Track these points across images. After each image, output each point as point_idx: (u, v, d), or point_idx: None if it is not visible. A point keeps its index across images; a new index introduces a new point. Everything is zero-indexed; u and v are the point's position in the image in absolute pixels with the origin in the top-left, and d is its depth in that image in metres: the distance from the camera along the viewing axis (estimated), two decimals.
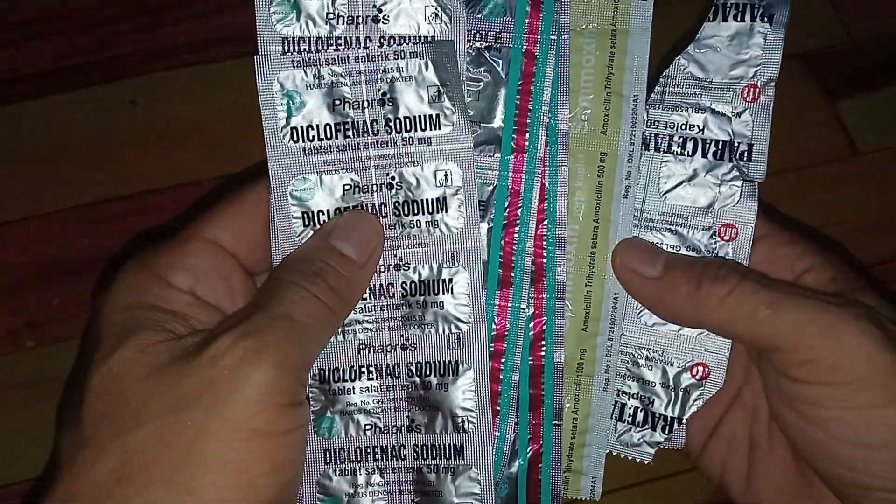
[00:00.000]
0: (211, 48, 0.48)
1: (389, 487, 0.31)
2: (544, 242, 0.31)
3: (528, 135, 0.31)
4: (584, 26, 0.31)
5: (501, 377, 0.31)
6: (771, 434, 0.32)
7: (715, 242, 0.32)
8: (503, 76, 0.31)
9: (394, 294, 0.31)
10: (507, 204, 0.31)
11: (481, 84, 0.31)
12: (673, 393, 0.32)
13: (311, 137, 0.30)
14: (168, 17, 0.49)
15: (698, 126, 0.32)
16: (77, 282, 0.43)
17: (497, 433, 0.31)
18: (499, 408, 0.31)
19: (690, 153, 0.32)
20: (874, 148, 0.48)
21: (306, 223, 0.30)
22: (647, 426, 0.33)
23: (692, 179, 0.32)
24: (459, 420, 0.31)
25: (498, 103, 0.31)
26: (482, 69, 0.31)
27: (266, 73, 0.29)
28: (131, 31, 0.48)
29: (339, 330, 0.31)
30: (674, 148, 0.32)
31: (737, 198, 0.32)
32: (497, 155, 0.31)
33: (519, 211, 0.31)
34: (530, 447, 0.32)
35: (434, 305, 0.31)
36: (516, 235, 0.31)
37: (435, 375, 0.31)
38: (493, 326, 0.31)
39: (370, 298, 0.31)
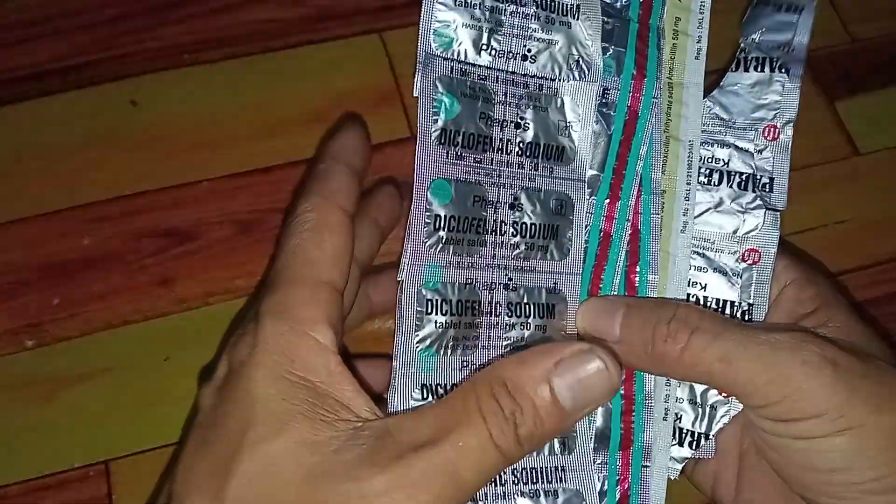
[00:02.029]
0: (211, 48, 0.48)
1: None
2: (637, 286, 0.33)
3: (622, 184, 0.33)
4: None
5: None
6: (753, 439, 0.33)
7: (739, 265, 0.34)
8: (608, 129, 0.33)
9: (500, 313, 0.31)
10: (598, 245, 0.33)
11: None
12: (700, 409, 0.33)
13: (455, 143, 0.31)
14: (168, 17, 0.49)
15: (723, 160, 0.34)
16: (77, 282, 0.43)
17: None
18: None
19: (717, 183, 0.34)
20: (874, 148, 0.48)
21: (436, 227, 0.30)
22: (674, 441, 0.34)
23: (719, 206, 0.34)
24: (560, 441, 0.31)
25: (600, 151, 0.33)
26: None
27: (429, 72, 0.30)
28: (131, 31, 0.48)
29: (443, 345, 0.30)
30: (701, 179, 0.34)
31: (760, 225, 0.34)
32: (593, 199, 0.33)
33: (608, 252, 0.33)
34: (619, 487, 0.32)
35: (538, 328, 0.32)
36: (603, 276, 0.33)
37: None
38: None
39: (478, 316, 0.31)
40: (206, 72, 0.47)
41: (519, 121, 0.32)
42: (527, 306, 0.32)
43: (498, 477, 0.30)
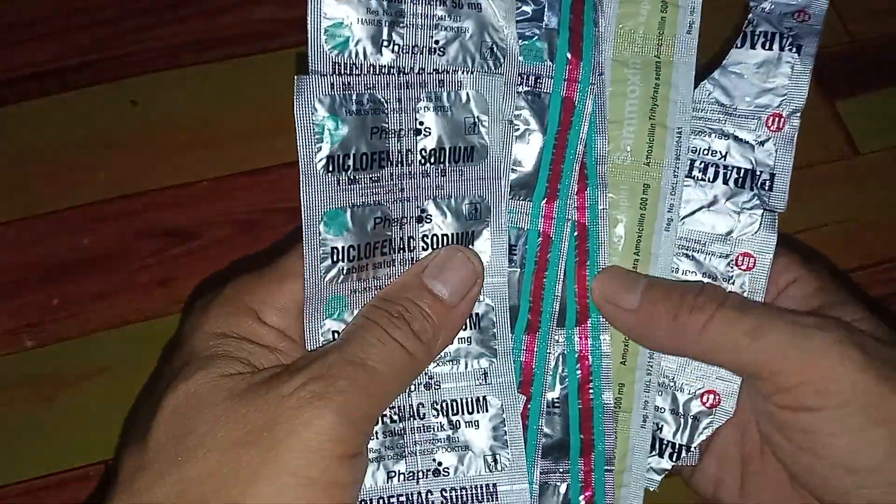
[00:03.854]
0: (211, 48, 0.48)
1: None
2: (587, 283, 0.31)
3: (560, 181, 0.30)
4: (628, 57, 0.31)
5: (528, 422, 0.30)
6: (763, 451, 0.31)
7: (732, 270, 0.31)
8: (541, 122, 0.30)
9: (448, 344, 0.29)
10: (538, 248, 0.31)
11: (520, 128, 0.31)
12: (682, 420, 0.32)
13: (346, 167, 0.28)
14: (168, 17, 0.49)
15: (721, 152, 0.31)
16: (77, 282, 0.43)
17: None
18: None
19: (711, 179, 0.32)
20: (874, 148, 0.48)
21: (335, 259, 0.28)
22: (654, 452, 0.32)
23: (712, 206, 0.32)
24: (493, 457, 0.29)
25: (533, 148, 0.30)
26: (521, 113, 0.31)
27: (305, 96, 0.28)
28: (131, 31, 0.48)
29: None
30: (695, 173, 0.32)
31: (756, 227, 0.31)
32: (529, 200, 0.31)
33: (549, 256, 0.31)
34: (582, 495, 0.31)
35: (462, 341, 0.30)
36: (545, 280, 0.31)
37: (463, 413, 0.29)
38: (521, 370, 0.30)
39: None
40: (206, 72, 0.47)
41: (418, 126, 0.29)
42: None
43: (425, 497, 0.29)
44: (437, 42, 0.29)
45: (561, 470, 0.31)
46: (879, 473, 0.27)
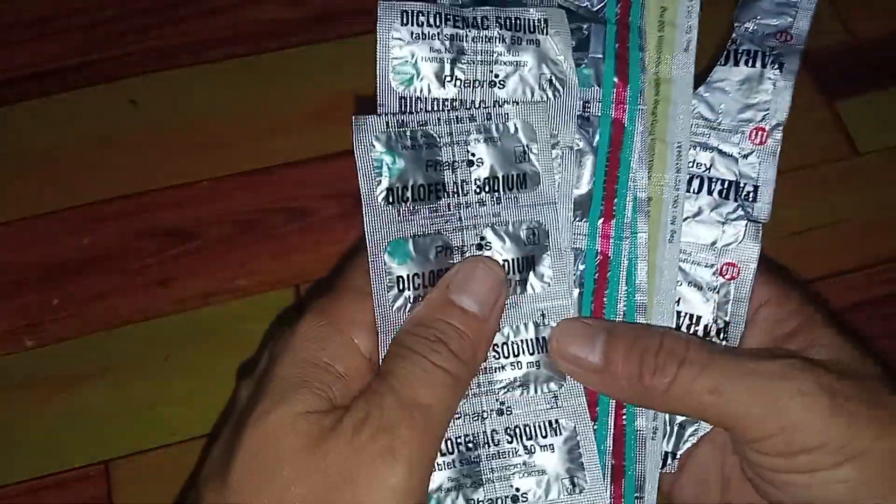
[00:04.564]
0: (211, 48, 0.48)
1: None
2: (624, 307, 0.31)
3: (615, 201, 0.31)
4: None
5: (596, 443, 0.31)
6: (743, 469, 0.31)
7: (717, 280, 0.32)
8: (592, 144, 0.31)
9: (487, 357, 0.30)
10: (596, 268, 0.31)
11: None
12: (668, 427, 0.32)
13: (405, 199, 0.30)
14: (168, 17, 0.49)
15: (705, 164, 0.32)
16: (77, 282, 0.43)
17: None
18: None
19: (696, 190, 0.32)
20: (874, 148, 0.48)
21: (401, 288, 0.29)
22: None
23: (697, 216, 0.32)
24: (570, 480, 0.29)
25: (585, 170, 0.31)
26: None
27: (364, 134, 0.29)
28: (131, 31, 0.48)
29: None
30: None
31: (740, 237, 0.32)
32: (585, 220, 0.31)
33: (608, 275, 0.31)
34: None
35: (531, 366, 0.30)
36: (605, 300, 0.31)
37: (537, 437, 0.30)
38: (586, 391, 0.30)
39: None
40: (206, 72, 0.47)
41: (471, 158, 0.30)
42: (514, 344, 0.30)
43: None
44: (496, 76, 0.31)
45: (609, 494, 0.31)
46: None
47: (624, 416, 0.31)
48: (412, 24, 0.30)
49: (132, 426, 0.40)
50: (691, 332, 0.32)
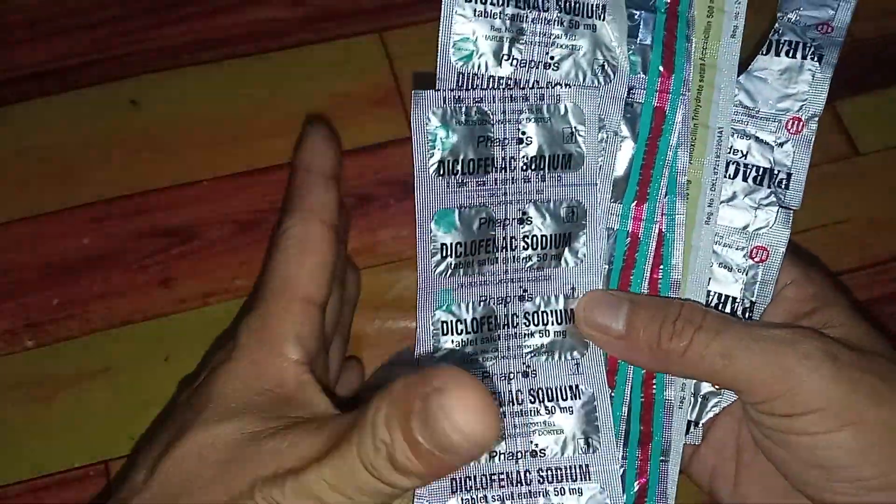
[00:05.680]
0: (211, 48, 0.48)
1: None
2: (659, 285, 0.33)
3: (650, 185, 0.33)
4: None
5: (612, 409, 0.32)
6: (752, 435, 0.33)
7: (746, 262, 0.33)
8: (633, 129, 0.33)
9: (517, 324, 0.32)
10: (626, 248, 0.33)
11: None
12: (692, 398, 0.33)
13: (455, 171, 0.31)
14: (168, 17, 0.49)
15: (742, 151, 0.33)
16: (77, 282, 0.43)
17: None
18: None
19: (732, 176, 0.34)
20: (874, 148, 0.48)
21: (444, 255, 0.31)
22: None
23: (731, 200, 0.34)
24: (585, 440, 0.31)
25: (624, 154, 0.33)
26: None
27: (420, 108, 0.31)
28: (131, 31, 0.48)
29: (469, 359, 0.31)
30: None
31: (771, 223, 0.33)
32: (619, 202, 0.33)
33: (636, 255, 0.33)
34: (637, 481, 0.32)
35: (557, 335, 0.32)
36: (632, 278, 0.33)
37: (558, 400, 0.32)
38: (606, 360, 0.32)
39: (495, 329, 0.32)
40: (206, 72, 0.47)
41: (521, 136, 0.31)
42: (544, 314, 0.32)
43: (523, 476, 0.31)
44: (552, 58, 0.32)
45: (620, 456, 0.33)
46: (844, 471, 0.29)
47: (654, 386, 0.33)
48: (475, 2, 0.31)
49: (132, 426, 0.40)
50: (718, 309, 0.34)
